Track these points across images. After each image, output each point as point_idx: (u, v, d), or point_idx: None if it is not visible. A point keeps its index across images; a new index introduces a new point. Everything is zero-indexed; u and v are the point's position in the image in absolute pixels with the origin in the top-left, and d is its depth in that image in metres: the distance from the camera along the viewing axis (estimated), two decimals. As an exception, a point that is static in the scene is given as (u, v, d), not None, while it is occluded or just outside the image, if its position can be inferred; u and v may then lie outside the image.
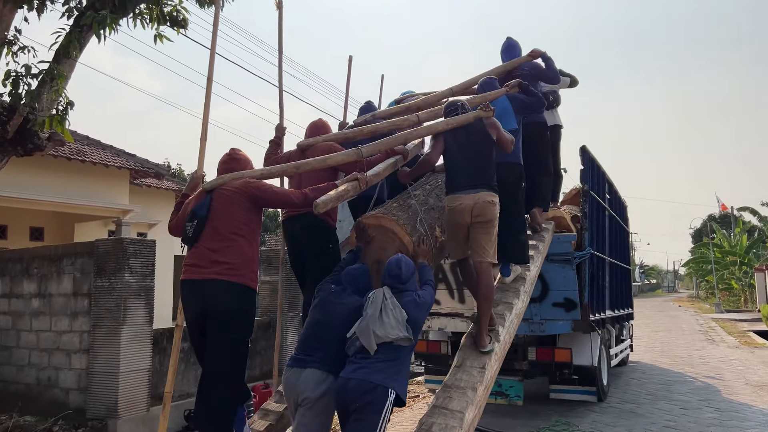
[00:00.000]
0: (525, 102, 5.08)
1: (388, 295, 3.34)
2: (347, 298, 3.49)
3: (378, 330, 3.19)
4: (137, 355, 6.10)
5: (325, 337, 3.38)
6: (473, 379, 3.82)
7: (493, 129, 4.22)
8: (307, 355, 3.37)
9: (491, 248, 4.10)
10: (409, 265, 3.52)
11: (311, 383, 3.25)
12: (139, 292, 6.18)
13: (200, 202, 3.52)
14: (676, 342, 15.50)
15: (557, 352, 6.86)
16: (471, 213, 4.02)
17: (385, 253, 3.89)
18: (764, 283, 23.39)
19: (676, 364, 11.28)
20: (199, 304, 3.38)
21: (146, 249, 6.32)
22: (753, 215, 35.46)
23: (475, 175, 4.10)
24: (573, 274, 6.12)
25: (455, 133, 4.22)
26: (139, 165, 13.03)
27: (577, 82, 6.52)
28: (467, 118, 4.22)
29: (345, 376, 3.17)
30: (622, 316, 9.47)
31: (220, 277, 3.32)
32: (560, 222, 6.30)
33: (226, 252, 3.37)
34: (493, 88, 5.00)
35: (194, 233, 3.43)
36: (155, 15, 5.87)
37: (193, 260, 3.42)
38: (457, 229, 4.14)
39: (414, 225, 4.02)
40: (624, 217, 10.49)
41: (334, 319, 3.39)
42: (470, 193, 4.04)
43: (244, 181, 3.57)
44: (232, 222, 3.44)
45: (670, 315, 27.04)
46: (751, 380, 9.27)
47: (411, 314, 3.30)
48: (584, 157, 6.82)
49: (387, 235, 3.99)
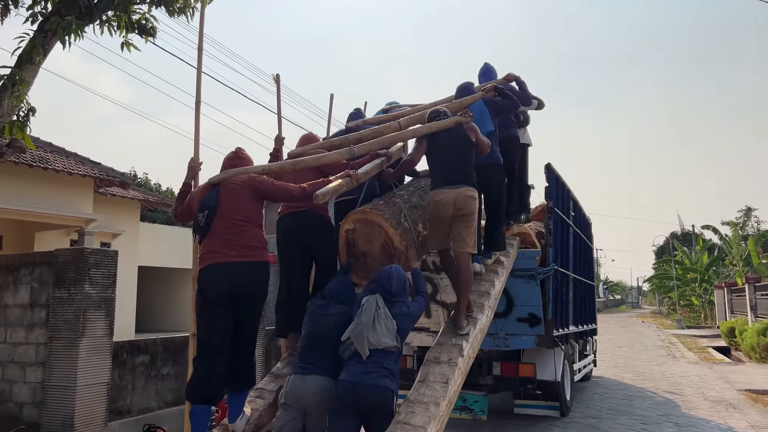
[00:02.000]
0: (500, 105, 5.46)
1: (381, 304, 3.63)
2: (332, 308, 3.83)
3: (371, 337, 3.49)
4: (96, 369, 5.95)
5: (320, 347, 3.70)
6: (436, 394, 3.82)
7: (472, 132, 4.58)
8: (308, 363, 3.67)
9: (471, 240, 4.44)
10: (401, 277, 3.81)
11: (317, 389, 3.56)
12: (99, 304, 6.04)
13: (208, 194, 3.86)
14: (638, 357, 15.79)
15: (521, 367, 6.93)
16: (454, 206, 4.37)
17: (371, 246, 4.32)
18: (723, 300, 23.97)
19: (638, 379, 11.48)
20: (225, 285, 3.67)
21: (108, 259, 6.19)
22: (714, 233, 36.37)
23: (456, 173, 4.48)
24: (537, 289, 6.19)
25: (437, 136, 4.56)
26: (104, 173, 12.80)
27: (543, 105, 6.80)
28: (448, 123, 4.57)
29: (350, 380, 3.42)
30: (586, 331, 9.61)
31: (242, 259, 3.70)
32: (525, 238, 6.37)
33: (240, 236, 3.74)
34: (471, 93, 5.36)
35: (206, 222, 3.78)
36: (123, 22, 5.79)
37: (211, 248, 3.75)
38: (440, 221, 4.46)
39: (399, 219, 4.40)
40: (588, 233, 10.67)
41: (324, 330, 3.72)
42: (453, 189, 4.41)
43: (249, 176, 3.94)
44: (240, 211, 3.80)
45: (633, 331, 27.55)
46: (709, 395, 9.48)
47: (400, 325, 3.61)
48: (549, 174, 6.94)
49: (373, 228, 4.37)
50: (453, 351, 4.22)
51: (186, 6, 6.01)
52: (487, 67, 6.21)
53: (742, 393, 9.59)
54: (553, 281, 6.59)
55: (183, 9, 6.02)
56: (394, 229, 4.32)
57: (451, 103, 5.21)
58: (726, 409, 8.30)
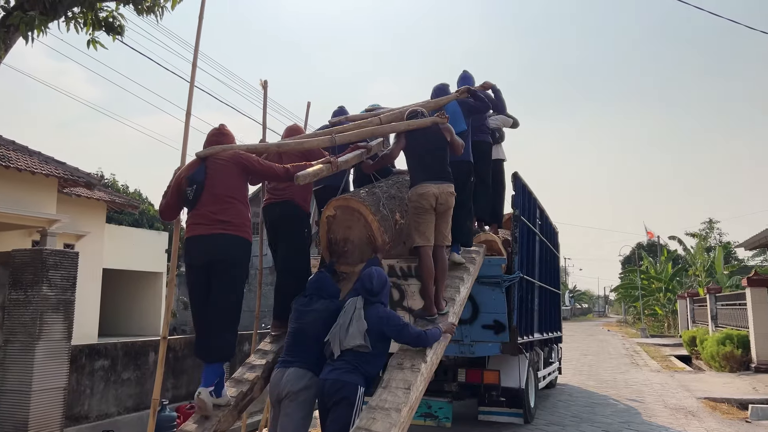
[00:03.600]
0: (473, 105, 5.78)
1: (359, 306, 3.90)
2: (315, 304, 4.09)
3: (343, 338, 3.79)
4: (52, 373, 5.78)
5: (303, 342, 3.96)
6: (398, 400, 3.81)
7: (447, 133, 4.93)
8: (291, 357, 3.93)
9: (448, 233, 4.86)
10: (381, 279, 4.07)
11: (293, 379, 3.81)
12: (57, 306, 5.88)
13: (196, 169, 4.04)
14: (603, 365, 16.02)
15: (486, 374, 6.96)
16: (436, 200, 4.71)
17: (350, 231, 4.69)
18: (686, 309, 24.49)
19: (601, 387, 11.64)
20: (205, 256, 3.93)
21: (68, 261, 6.04)
22: (679, 244, 37.19)
23: (438, 171, 4.82)
24: (502, 297, 6.23)
25: (415, 134, 4.87)
26: (68, 173, 12.54)
27: (518, 124, 7.28)
28: (425, 122, 4.89)
29: (323, 377, 3.76)
30: (551, 339, 9.71)
31: (221, 231, 3.91)
32: (491, 245, 6.43)
33: (225, 212, 3.95)
34: (446, 93, 5.74)
35: (194, 196, 3.98)
36: (89, 20, 5.70)
37: (196, 220, 3.99)
38: (423, 212, 4.72)
39: (378, 207, 4.77)
40: (555, 242, 10.81)
41: (308, 326, 3.99)
42: (436, 184, 4.75)
43: (235, 152, 4.12)
44: (228, 187, 4.00)
45: (598, 339, 27.96)
46: (669, 403, 9.66)
47: (371, 326, 3.82)
48: (516, 183, 7.02)
49: (353, 214, 4.73)
50: (416, 357, 4.23)
51: (155, 5, 5.94)
52: (465, 74, 6.48)
53: (701, 401, 9.79)
54: (519, 289, 6.64)
55: (152, 8, 5.95)
56: (373, 215, 4.67)
57: (428, 103, 5.51)
58: (685, 417, 8.47)
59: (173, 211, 4.26)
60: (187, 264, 4.07)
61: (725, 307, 17.36)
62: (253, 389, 4.42)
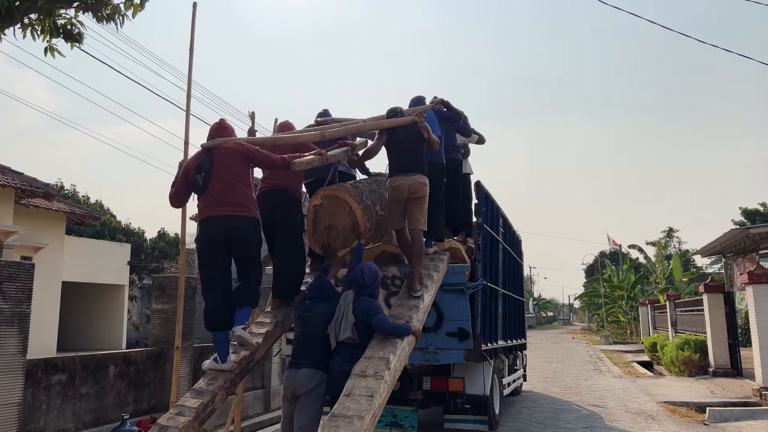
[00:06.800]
0: (446, 114, 6.52)
1: (350, 299, 4.38)
2: (317, 308, 4.47)
3: (338, 332, 4.28)
4: (6, 388, 5.60)
5: (310, 345, 4.38)
6: (360, 408, 3.81)
7: (424, 130, 5.50)
8: (302, 359, 4.36)
9: (423, 219, 5.40)
10: (372, 274, 4.53)
11: (306, 379, 4.25)
12: (12, 320, 5.71)
13: (203, 159, 4.52)
14: (567, 372, 16.25)
15: (451, 381, 7.00)
16: (408, 190, 5.32)
17: (336, 219, 5.17)
18: (647, 316, 25.02)
19: (565, 393, 11.81)
20: (220, 234, 4.42)
21: (23, 273, 5.88)
22: (640, 252, 38.00)
23: (411, 164, 5.41)
24: (466, 304, 6.27)
25: (396, 131, 5.48)
26: (26, 184, 12.24)
27: (484, 140, 7.58)
28: (406, 120, 5.51)
29: (331, 369, 4.25)
30: (516, 346, 9.82)
31: (233, 213, 4.43)
32: (455, 253, 6.48)
33: (232, 195, 4.46)
34: (422, 104, 6.34)
35: (203, 182, 4.46)
36: (47, 26, 5.59)
37: (208, 203, 4.49)
38: (397, 203, 5.42)
39: (361, 198, 5.32)
40: (518, 250, 10.96)
41: (312, 329, 4.41)
42: (408, 176, 5.35)
43: (237, 143, 4.64)
44: (233, 173, 4.49)
45: (563, 347, 28.35)
46: (630, 408, 9.86)
47: (358, 319, 4.29)
48: (479, 191, 7.11)
49: (339, 203, 5.20)
50: (380, 364, 4.23)
51: (114, 13, 5.86)
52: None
53: (661, 405, 10.02)
54: (482, 296, 6.70)
55: (111, 16, 5.85)
56: (357, 204, 5.16)
57: (408, 110, 6.00)
58: (645, 421, 8.65)
59: (181, 198, 4.74)
60: (201, 245, 4.51)
61: (684, 313, 17.80)
62: (215, 400, 4.37)
